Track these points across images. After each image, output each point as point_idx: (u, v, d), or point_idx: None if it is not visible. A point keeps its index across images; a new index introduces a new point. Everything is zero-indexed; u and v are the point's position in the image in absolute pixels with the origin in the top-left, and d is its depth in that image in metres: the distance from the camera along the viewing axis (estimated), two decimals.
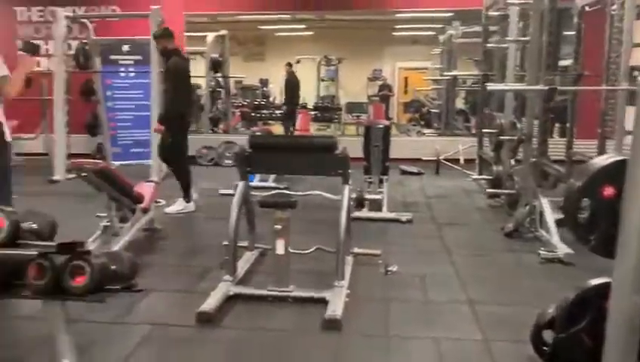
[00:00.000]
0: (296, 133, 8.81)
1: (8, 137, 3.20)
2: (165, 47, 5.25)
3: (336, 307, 2.90)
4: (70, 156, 7.06)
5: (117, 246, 3.74)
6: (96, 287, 1.94)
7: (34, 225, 1.94)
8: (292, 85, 10.71)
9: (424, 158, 7.78)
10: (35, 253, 1.79)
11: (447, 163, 7.69)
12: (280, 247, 3.13)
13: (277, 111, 11.15)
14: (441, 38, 10.54)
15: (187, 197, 5.35)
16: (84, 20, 7.70)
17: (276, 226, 3.11)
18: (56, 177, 6.92)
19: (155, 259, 3.91)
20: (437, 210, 5.47)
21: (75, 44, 7.74)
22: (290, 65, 10.84)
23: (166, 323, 2.87)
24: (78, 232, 2.41)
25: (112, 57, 7.92)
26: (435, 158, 7.66)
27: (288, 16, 10.72)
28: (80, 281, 1.91)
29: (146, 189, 4.32)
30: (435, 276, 3.59)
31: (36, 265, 1.90)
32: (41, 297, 1.96)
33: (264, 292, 3.14)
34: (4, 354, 2.48)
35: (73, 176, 5.66)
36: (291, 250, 3.21)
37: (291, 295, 3.12)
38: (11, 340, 2.65)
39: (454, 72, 9.39)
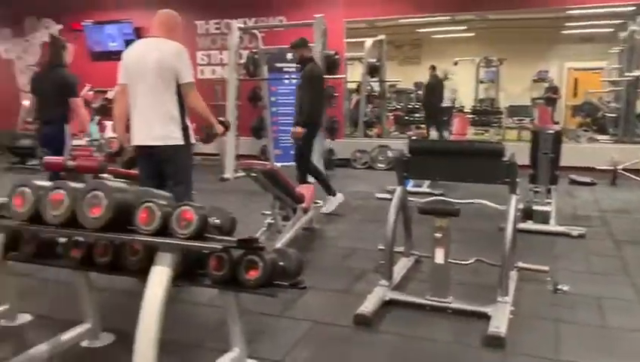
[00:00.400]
0: (453, 137, 8.55)
1: (192, 139, 3.54)
2: (302, 56, 5.44)
3: (499, 323, 2.74)
4: (238, 157, 7.65)
5: (279, 243, 3.95)
6: (266, 282, 2.06)
7: (217, 221, 2.11)
8: (434, 88, 10.44)
9: (598, 167, 7.06)
10: (220, 246, 1.93)
11: (627, 173, 6.88)
12: (439, 256, 3.04)
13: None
14: (622, 35, 9.48)
15: (330, 192, 5.48)
16: (254, 31, 8.27)
17: (436, 234, 3.03)
18: (226, 176, 7.53)
19: (314, 258, 4.05)
20: (614, 226, 4.90)
21: (245, 53, 8.37)
22: (433, 68, 10.59)
23: (325, 322, 2.94)
24: (243, 227, 2.57)
25: (278, 65, 8.42)
26: (611, 168, 6.90)
27: (447, 18, 10.44)
28: (253, 275, 2.04)
29: (306, 190, 4.51)
30: (613, 299, 3.22)
31: (216, 257, 2.07)
32: (219, 287, 2.13)
33: (422, 300, 3.08)
34: (185, 337, 2.73)
35: (241, 175, 6.13)
36: (450, 260, 3.11)
37: (450, 306, 3.01)
38: (191, 324, 2.92)
39: (638, 72, 8.37)
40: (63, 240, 2.37)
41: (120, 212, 1.97)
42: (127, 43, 9.62)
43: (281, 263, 2.15)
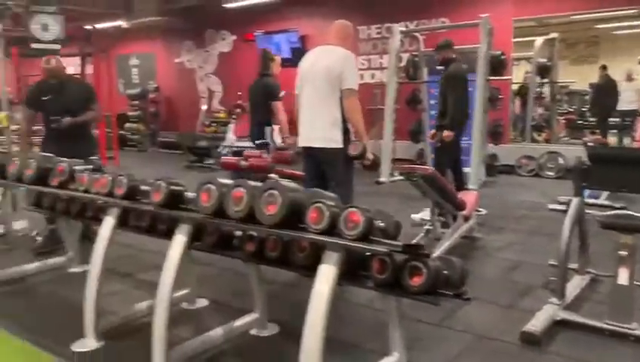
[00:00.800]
0: (636, 144, 7.64)
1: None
2: (444, 57, 5.45)
3: None
4: (394, 160, 7.63)
5: (438, 250, 3.85)
6: (429, 289, 2.01)
7: (382, 224, 2.12)
8: (608, 90, 9.35)
9: None
10: (385, 249, 1.93)
11: None
12: (623, 277, 2.72)
13: (611, 120, 9.81)
14: None
15: None
16: (416, 34, 8.21)
17: (620, 252, 2.72)
18: (381, 179, 7.55)
19: (474, 268, 3.86)
20: None
21: (405, 56, 8.34)
22: (604, 67, 9.52)
23: (488, 336, 2.80)
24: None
25: (438, 67, 8.24)
26: None
27: (634, 11, 9.33)
28: (417, 281, 2.00)
29: (468, 197, 4.34)
30: None
31: (380, 260, 2.08)
32: (382, 290, 2.13)
33: (599, 324, 2.78)
34: (345, 335, 2.79)
35: (397, 178, 6.12)
36: (635, 282, 2.77)
37: (634, 333, 2.68)
38: (351, 323, 2.97)
39: None
40: (238, 233, 2.57)
41: (292, 210, 2.07)
42: (293, 51, 10.23)
43: (444, 271, 2.09)
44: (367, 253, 2.10)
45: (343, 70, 3.42)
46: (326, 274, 1.99)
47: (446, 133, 5.29)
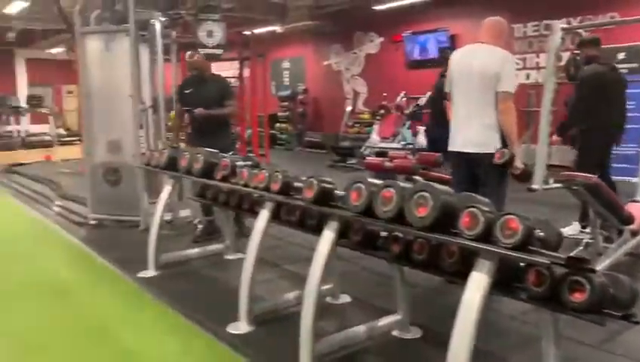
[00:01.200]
0: None
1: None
2: (587, 55, 4.97)
3: None
4: (549, 167, 7.10)
5: (600, 266, 3.52)
6: (593, 307, 1.85)
7: (541, 234, 1.99)
8: None
9: None
10: (547, 261, 1.81)
11: None
12: None
13: None
14: None
15: (584, 222, 4.64)
16: (580, 30, 7.57)
17: None
18: (534, 186, 7.07)
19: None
20: None
21: (565, 55, 7.72)
22: None
23: None
24: None
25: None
26: None
27: None
28: (578, 297, 1.86)
29: (636, 210, 3.90)
30: None
31: (536, 272, 1.96)
32: (537, 303, 2.01)
33: None
34: (493, 347, 2.65)
35: (552, 186, 5.70)
36: None
37: None
38: (499, 335, 2.82)
39: None
40: (383, 234, 2.58)
41: (444, 214, 2.03)
42: (441, 51, 10.01)
43: (611, 290, 1.91)
44: (523, 264, 1.99)
45: (501, 71, 3.25)
46: (477, 283, 1.92)
47: (554, 138, 4.91)
